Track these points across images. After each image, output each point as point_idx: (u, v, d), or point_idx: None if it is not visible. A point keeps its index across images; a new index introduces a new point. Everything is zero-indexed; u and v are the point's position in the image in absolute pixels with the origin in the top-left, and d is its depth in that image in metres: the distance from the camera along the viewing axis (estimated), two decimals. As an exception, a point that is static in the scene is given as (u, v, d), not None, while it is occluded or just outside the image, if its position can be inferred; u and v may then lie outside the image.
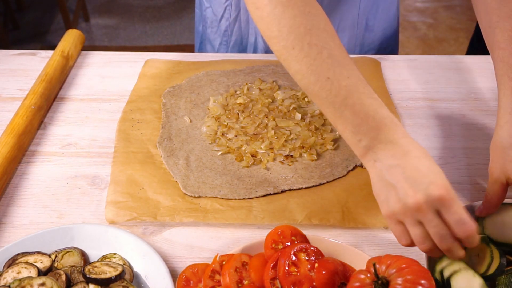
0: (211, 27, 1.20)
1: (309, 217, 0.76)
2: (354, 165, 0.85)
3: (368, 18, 1.15)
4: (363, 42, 1.18)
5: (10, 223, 0.76)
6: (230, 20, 1.15)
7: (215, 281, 0.64)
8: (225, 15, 1.15)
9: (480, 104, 1.01)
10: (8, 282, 0.62)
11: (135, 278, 0.67)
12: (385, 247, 0.73)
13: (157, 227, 0.76)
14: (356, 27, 1.14)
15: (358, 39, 1.17)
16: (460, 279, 0.62)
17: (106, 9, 3.43)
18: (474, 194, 0.81)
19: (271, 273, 0.63)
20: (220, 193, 0.79)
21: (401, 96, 1.03)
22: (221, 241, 0.74)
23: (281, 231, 0.69)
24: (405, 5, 3.50)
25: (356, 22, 1.13)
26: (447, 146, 0.91)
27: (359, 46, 1.19)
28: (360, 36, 1.17)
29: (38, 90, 0.95)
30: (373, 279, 0.56)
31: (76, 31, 1.16)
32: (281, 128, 0.90)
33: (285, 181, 0.82)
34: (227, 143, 0.88)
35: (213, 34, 1.20)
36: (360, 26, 1.15)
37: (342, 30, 1.14)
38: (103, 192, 0.81)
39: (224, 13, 1.15)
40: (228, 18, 1.15)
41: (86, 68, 1.11)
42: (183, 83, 1.04)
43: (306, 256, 0.64)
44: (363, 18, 1.14)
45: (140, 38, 3.13)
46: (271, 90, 1.01)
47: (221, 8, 1.15)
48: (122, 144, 0.89)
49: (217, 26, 1.18)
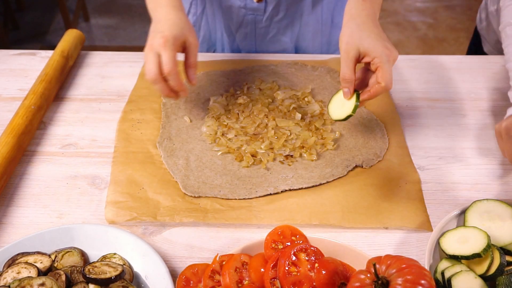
0: None
1: (309, 217, 0.76)
2: (354, 165, 0.85)
3: (334, 15, 1.16)
4: (330, 40, 1.19)
5: (10, 223, 0.76)
6: (197, 15, 1.16)
7: (215, 281, 0.64)
8: (191, 10, 1.16)
9: (480, 104, 1.01)
10: (8, 282, 0.62)
11: (135, 278, 0.67)
12: (385, 247, 0.73)
13: (157, 227, 0.76)
14: (321, 23, 1.15)
15: (324, 36, 1.18)
16: (461, 280, 0.62)
17: (106, 9, 3.43)
18: (474, 194, 0.81)
19: (271, 273, 0.63)
20: (220, 193, 0.79)
21: (401, 96, 1.03)
22: (221, 241, 0.74)
23: (281, 231, 0.69)
24: (405, 5, 3.50)
25: (320, 18, 1.14)
26: (447, 146, 0.91)
27: (327, 44, 1.19)
28: (326, 33, 1.17)
29: (38, 90, 0.95)
30: (373, 279, 0.56)
31: (76, 31, 1.16)
32: (281, 128, 0.90)
33: (285, 181, 0.82)
34: (227, 143, 0.88)
35: None
36: (326, 22, 1.15)
37: (307, 24, 1.14)
38: (103, 192, 0.81)
39: (190, 8, 1.16)
40: (194, 13, 1.16)
41: (86, 68, 1.11)
42: (183, 83, 1.03)
43: (306, 256, 0.64)
44: (328, 15, 1.15)
45: (140, 38, 3.12)
46: (271, 90, 1.01)
47: (187, 4, 1.16)
48: (122, 144, 0.89)
49: None
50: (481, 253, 0.63)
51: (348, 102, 0.81)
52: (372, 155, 0.87)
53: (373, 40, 0.78)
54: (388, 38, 0.81)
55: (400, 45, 3.07)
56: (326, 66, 1.09)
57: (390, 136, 0.91)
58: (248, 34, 1.14)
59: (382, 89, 0.76)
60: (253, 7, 1.08)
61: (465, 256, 0.64)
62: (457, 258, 0.66)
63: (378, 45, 0.77)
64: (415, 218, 0.76)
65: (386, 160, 0.86)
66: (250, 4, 1.08)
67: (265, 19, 1.11)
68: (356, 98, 0.79)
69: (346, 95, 0.81)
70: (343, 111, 0.81)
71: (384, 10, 3.44)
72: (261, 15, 1.10)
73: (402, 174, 0.84)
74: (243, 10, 1.09)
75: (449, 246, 0.67)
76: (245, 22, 1.11)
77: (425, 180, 0.83)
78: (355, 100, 0.79)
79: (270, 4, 1.08)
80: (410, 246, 0.73)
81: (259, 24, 1.12)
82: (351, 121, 0.94)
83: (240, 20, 1.11)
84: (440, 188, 0.82)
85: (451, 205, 0.79)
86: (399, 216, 0.76)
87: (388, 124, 0.94)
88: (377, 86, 0.77)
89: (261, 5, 1.08)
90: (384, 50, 0.77)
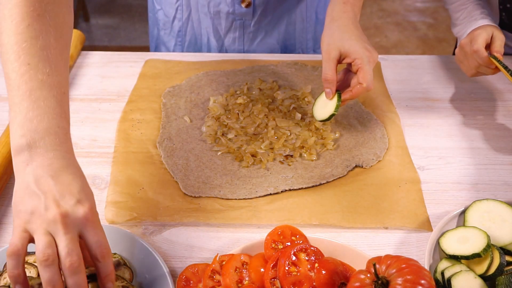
0: (164, 29, 1.20)
1: (309, 217, 0.76)
2: (354, 165, 0.85)
3: (318, 12, 1.16)
4: (316, 36, 1.20)
5: (10, 223, 0.76)
6: (183, 20, 1.16)
7: (215, 281, 0.64)
8: (177, 16, 1.15)
9: (480, 104, 1.01)
10: (8, 282, 0.62)
11: (135, 278, 0.67)
12: (385, 247, 0.73)
13: (157, 227, 0.76)
14: (305, 20, 1.16)
15: (309, 32, 1.18)
16: (461, 280, 0.62)
17: (106, 9, 3.42)
18: (474, 194, 0.81)
19: (271, 273, 0.63)
20: (220, 193, 0.79)
21: (401, 96, 1.03)
22: (221, 241, 0.74)
23: (281, 231, 0.69)
24: (405, 5, 3.50)
25: (305, 15, 1.15)
26: (447, 146, 0.91)
27: (312, 40, 1.20)
28: (311, 30, 1.18)
29: (38, 90, 0.95)
30: (373, 279, 0.56)
31: (76, 31, 1.16)
32: (281, 128, 0.90)
33: (285, 181, 0.82)
34: (227, 143, 0.88)
35: (166, 36, 1.20)
36: (310, 19, 1.16)
37: (293, 23, 1.15)
38: (103, 192, 0.81)
39: (176, 13, 1.15)
40: (180, 19, 1.16)
41: (86, 68, 1.11)
42: (183, 83, 1.04)
43: (306, 256, 0.64)
44: (312, 11, 1.15)
45: (140, 38, 3.12)
46: (271, 90, 1.01)
47: (172, 9, 1.15)
48: (122, 144, 0.89)
49: (170, 27, 1.18)
50: (481, 253, 0.64)
51: (331, 102, 0.84)
52: (372, 155, 0.87)
53: (353, 41, 0.80)
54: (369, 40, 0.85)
55: (400, 45, 3.07)
56: (326, 66, 1.09)
57: (390, 136, 0.91)
58: (236, 39, 1.14)
59: (364, 89, 0.80)
60: (242, 12, 1.09)
61: (465, 256, 0.64)
62: (457, 258, 0.66)
63: (359, 47, 0.80)
64: (415, 218, 0.76)
65: (386, 160, 0.86)
66: (239, 9, 1.08)
67: (253, 24, 1.11)
68: (338, 98, 0.83)
69: (328, 95, 0.84)
70: (326, 111, 0.85)
71: (384, 10, 3.44)
72: (249, 20, 1.10)
73: (402, 174, 0.84)
74: (231, 15, 1.09)
75: (449, 246, 0.67)
76: (233, 27, 1.12)
77: (425, 180, 0.83)
78: (336, 99, 0.83)
79: (258, 8, 1.08)
80: (410, 246, 0.73)
81: (247, 29, 1.12)
82: (351, 121, 0.94)
83: (229, 25, 1.12)
84: (440, 188, 0.82)
85: (451, 205, 0.79)
86: (399, 216, 0.76)
87: (388, 124, 0.94)
88: (358, 86, 0.80)
89: (249, 10, 1.08)
90: (364, 51, 0.80)
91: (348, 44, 0.80)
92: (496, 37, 0.92)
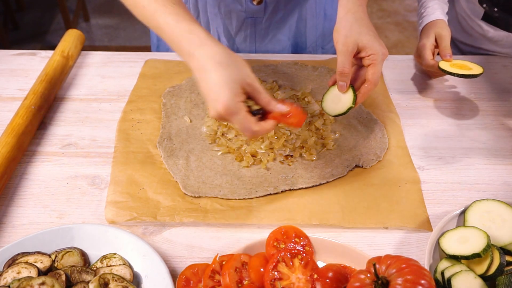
0: None
1: (309, 217, 0.76)
2: (354, 165, 0.85)
3: (326, 8, 1.16)
4: (324, 32, 1.19)
5: (10, 223, 0.76)
6: None
7: (215, 281, 0.64)
8: None
9: (480, 104, 1.01)
10: (8, 282, 0.62)
11: (135, 278, 0.67)
12: (385, 247, 0.73)
13: (157, 227, 0.76)
14: (315, 17, 1.15)
15: (318, 29, 1.18)
16: (461, 280, 0.62)
17: (106, 9, 3.42)
18: (474, 194, 0.81)
19: (271, 274, 0.63)
20: (220, 193, 0.79)
21: (401, 96, 1.03)
22: (221, 241, 0.74)
23: (285, 230, 0.70)
24: (405, 5, 3.49)
25: (314, 11, 1.15)
26: (447, 146, 0.91)
27: (321, 37, 1.20)
28: (320, 26, 1.18)
29: (38, 90, 0.95)
30: (373, 279, 0.56)
31: (76, 31, 1.16)
32: (281, 128, 0.90)
33: (285, 181, 0.82)
34: (227, 143, 0.88)
35: None
36: (319, 15, 1.16)
37: (304, 19, 1.15)
38: (103, 192, 0.81)
39: None
40: None
41: (86, 68, 1.11)
42: (183, 83, 1.04)
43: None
44: (321, 8, 1.15)
45: (140, 38, 3.12)
46: (271, 90, 1.01)
47: None
48: (122, 144, 0.89)
49: None
50: (481, 253, 0.64)
51: (345, 96, 0.80)
52: (372, 155, 0.87)
53: (371, 37, 0.80)
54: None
55: (400, 45, 3.07)
56: (326, 66, 1.09)
57: (390, 136, 0.91)
58: (248, 37, 1.14)
59: (373, 86, 0.79)
60: (253, 9, 1.08)
61: (465, 256, 0.64)
62: (457, 258, 0.66)
63: (377, 43, 0.79)
64: (415, 218, 0.76)
65: (386, 160, 0.86)
66: (250, 7, 1.08)
67: (264, 20, 1.11)
68: (353, 91, 0.80)
69: (342, 89, 0.80)
70: (341, 105, 0.81)
71: (384, 10, 3.44)
72: (261, 17, 1.10)
73: (402, 174, 0.84)
74: (243, 13, 1.09)
75: (449, 246, 0.67)
76: (245, 25, 1.11)
77: (425, 180, 0.83)
78: (352, 92, 0.79)
79: (269, 5, 1.08)
80: (410, 246, 0.73)
81: (258, 26, 1.12)
82: (351, 121, 0.94)
83: (240, 24, 1.11)
84: (440, 188, 0.82)
85: (451, 205, 0.79)
86: (399, 216, 0.76)
87: (388, 124, 0.94)
88: (367, 85, 0.79)
89: (260, 7, 1.08)
90: (381, 48, 0.79)
91: (366, 39, 0.79)
92: (441, 39, 1.00)
